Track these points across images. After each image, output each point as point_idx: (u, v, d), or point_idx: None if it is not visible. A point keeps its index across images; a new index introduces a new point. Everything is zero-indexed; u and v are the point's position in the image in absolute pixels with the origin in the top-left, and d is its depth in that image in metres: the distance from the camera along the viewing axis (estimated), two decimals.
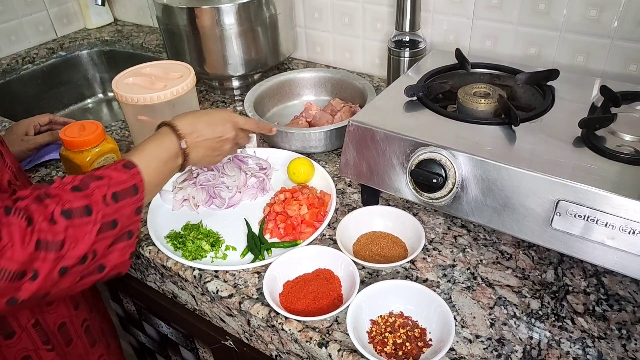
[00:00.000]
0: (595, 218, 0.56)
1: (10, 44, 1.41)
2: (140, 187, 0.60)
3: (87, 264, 0.54)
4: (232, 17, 1.02)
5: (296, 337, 0.61)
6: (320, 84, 1.11)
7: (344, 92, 1.07)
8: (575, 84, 0.78)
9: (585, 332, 0.59)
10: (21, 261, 0.47)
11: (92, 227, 0.53)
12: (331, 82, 1.09)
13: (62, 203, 0.51)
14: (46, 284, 0.50)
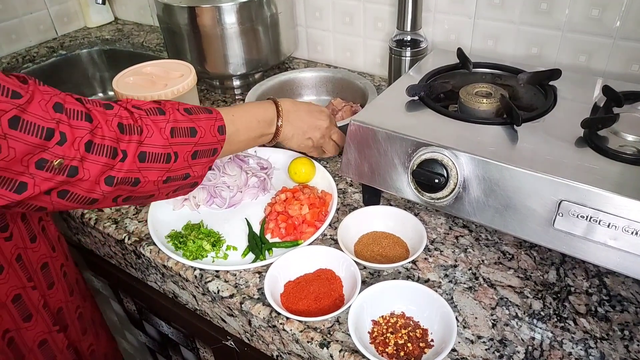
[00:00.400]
0: (597, 218, 0.56)
1: (10, 42, 1.41)
2: (213, 110, 0.65)
3: (171, 165, 0.59)
4: (233, 16, 1.02)
5: (297, 338, 0.61)
6: (321, 84, 1.10)
7: (345, 91, 1.07)
8: (577, 83, 0.78)
9: (588, 333, 0.58)
10: (111, 137, 0.52)
11: (166, 125, 0.58)
12: (332, 81, 1.09)
13: (135, 102, 0.58)
14: (133, 167, 0.55)
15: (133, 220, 0.80)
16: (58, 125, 0.48)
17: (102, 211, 0.83)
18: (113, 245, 0.81)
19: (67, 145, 0.49)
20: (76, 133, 0.50)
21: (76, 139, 0.50)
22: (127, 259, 0.82)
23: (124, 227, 0.79)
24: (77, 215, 0.83)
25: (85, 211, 0.83)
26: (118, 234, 0.78)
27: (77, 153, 0.50)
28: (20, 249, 0.63)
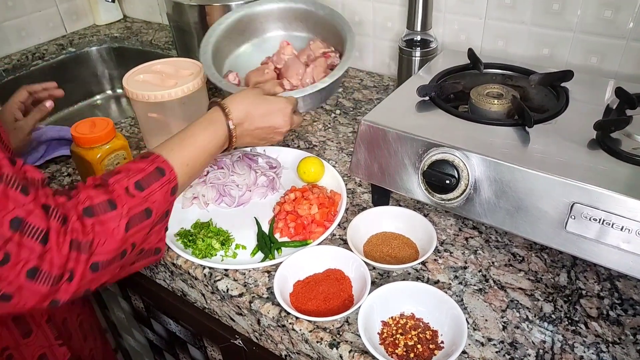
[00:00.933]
0: (610, 221, 0.55)
1: (20, 39, 1.42)
2: (166, 167, 0.58)
3: (128, 256, 0.54)
4: None
5: (307, 338, 0.61)
6: (293, 18, 0.96)
7: (325, 30, 0.93)
8: (589, 85, 0.77)
9: (600, 336, 0.58)
10: (59, 264, 0.47)
11: (120, 221, 0.52)
12: (305, 16, 0.93)
13: (86, 201, 0.51)
14: (82, 283, 0.50)
15: None
16: (6, 244, 0.44)
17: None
18: None
19: (8, 267, 0.45)
20: (22, 255, 0.45)
21: (20, 263, 0.45)
22: None
23: None
24: None
25: None
26: None
27: (17, 279, 0.45)
28: None
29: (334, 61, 0.86)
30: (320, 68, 0.85)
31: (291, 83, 0.85)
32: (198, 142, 0.65)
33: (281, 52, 0.90)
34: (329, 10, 0.89)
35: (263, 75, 0.85)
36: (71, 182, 0.91)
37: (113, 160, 0.81)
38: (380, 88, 1.13)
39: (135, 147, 0.99)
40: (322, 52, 0.87)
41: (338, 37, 0.86)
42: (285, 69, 0.87)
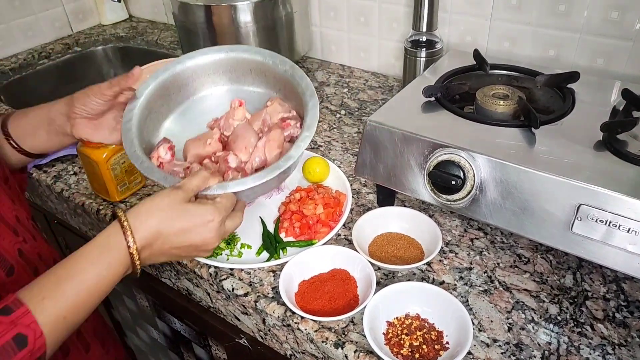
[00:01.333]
0: (617, 223, 0.55)
1: (27, 39, 1.43)
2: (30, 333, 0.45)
3: None
4: (248, 15, 1.02)
5: (312, 337, 0.61)
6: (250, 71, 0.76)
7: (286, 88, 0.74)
8: (596, 86, 0.77)
9: (605, 338, 0.58)
10: None
11: None
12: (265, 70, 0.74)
13: None
14: None
15: None
16: None
17: (118, 208, 0.83)
18: None
19: None
20: None
21: None
22: None
23: None
24: (93, 211, 0.84)
25: (100, 207, 0.84)
26: None
27: None
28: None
29: (293, 132, 0.70)
30: (274, 143, 0.68)
31: (239, 158, 0.68)
32: (84, 282, 0.50)
33: (230, 116, 0.74)
34: (290, 66, 0.71)
35: (204, 147, 0.70)
36: (77, 181, 0.91)
37: (119, 159, 0.81)
38: (385, 89, 1.13)
39: None
40: (281, 117, 0.71)
41: (301, 101, 0.69)
42: (234, 138, 0.71)
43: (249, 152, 0.68)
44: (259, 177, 0.60)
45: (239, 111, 0.74)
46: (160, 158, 0.67)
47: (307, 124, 0.65)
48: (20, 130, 0.71)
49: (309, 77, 1.19)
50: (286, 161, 0.61)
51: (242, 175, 0.66)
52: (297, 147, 0.63)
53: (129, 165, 0.83)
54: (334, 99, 1.11)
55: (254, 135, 0.70)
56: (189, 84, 0.76)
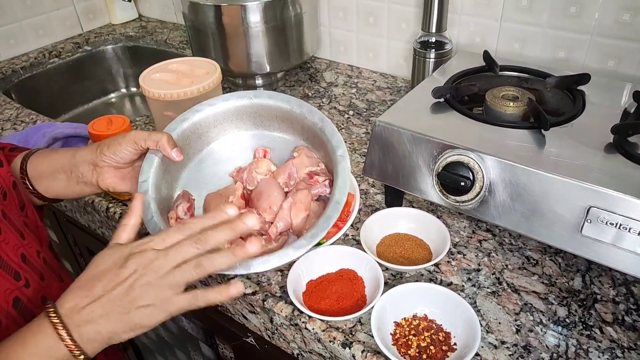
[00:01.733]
0: (627, 226, 0.55)
1: (38, 37, 1.44)
2: None
3: None
4: (258, 15, 1.02)
5: (319, 337, 0.61)
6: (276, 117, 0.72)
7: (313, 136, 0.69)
8: (606, 88, 0.77)
9: (615, 342, 0.58)
10: None
11: None
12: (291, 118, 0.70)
13: None
14: None
15: None
16: None
17: (126, 205, 0.84)
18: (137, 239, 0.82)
19: None
20: None
21: None
22: None
23: None
24: (102, 209, 0.85)
25: (110, 205, 0.84)
26: (143, 227, 0.79)
27: None
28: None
29: (321, 191, 0.65)
30: (300, 205, 0.63)
31: (262, 218, 0.65)
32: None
33: (254, 168, 0.69)
34: (319, 118, 0.66)
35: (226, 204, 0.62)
36: None
37: None
38: (393, 89, 1.13)
39: None
40: (308, 171, 0.67)
41: (329, 156, 0.65)
42: (257, 195, 0.67)
43: (274, 212, 0.64)
44: (283, 256, 0.55)
45: (262, 163, 0.70)
46: (180, 219, 0.64)
47: (335, 196, 0.59)
48: (39, 171, 0.67)
49: (318, 78, 1.20)
50: (310, 239, 0.56)
51: (266, 240, 0.63)
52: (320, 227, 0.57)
53: None
54: (342, 99, 1.11)
55: (278, 190, 0.66)
56: (210, 130, 0.72)
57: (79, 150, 0.67)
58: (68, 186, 0.67)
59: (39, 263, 0.64)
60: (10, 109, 1.17)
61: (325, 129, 0.66)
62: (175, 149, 0.62)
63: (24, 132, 0.98)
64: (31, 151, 0.70)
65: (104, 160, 0.64)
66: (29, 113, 1.14)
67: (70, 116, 1.47)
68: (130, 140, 0.63)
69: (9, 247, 0.59)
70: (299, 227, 0.63)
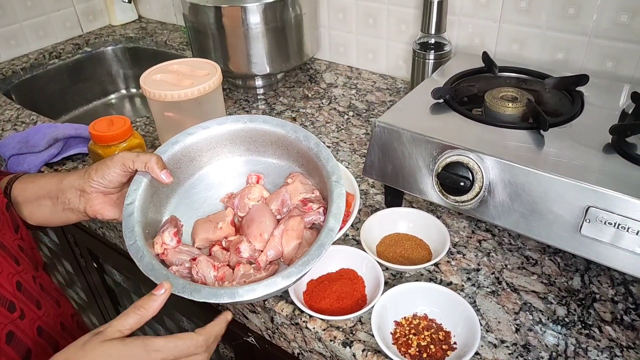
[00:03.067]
0: (626, 226, 0.55)
1: (38, 39, 1.44)
2: None
3: None
4: (258, 16, 1.03)
5: (320, 336, 0.61)
6: (271, 143, 0.70)
7: (308, 163, 0.67)
8: (605, 89, 0.77)
9: (614, 341, 0.58)
10: None
11: None
12: (287, 144, 0.68)
13: None
14: None
15: None
16: None
17: None
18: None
19: None
20: None
21: None
22: None
23: None
24: None
25: None
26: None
27: None
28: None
29: (315, 219, 0.64)
30: (292, 233, 0.61)
31: (252, 246, 0.63)
32: None
33: (246, 194, 0.67)
34: (314, 143, 0.65)
35: (215, 230, 0.64)
36: None
37: None
38: (393, 90, 1.14)
39: (151, 146, 1.00)
40: (302, 198, 0.65)
41: (324, 183, 0.63)
42: (248, 222, 0.65)
43: (264, 239, 0.63)
44: (271, 285, 0.53)
45: (255, 189, 0.68)
46: (165, 244, 0.61)
47: (329, 223, 0.57)
48: (24, 196, 0.65)
49: (317, 79, 1.21)
50: (302, 267, 0.53)
51: (255, 269, 0.61)
52: (314, 252, 0.54)
53: None
54: (342, 100, 1.11)
55: (270, 217, 0.64)
56: (203, 154, 0.70)
57: (66, 176, 0.65)
58: (53, 213, 0.65)
59: (36, 289, 0.61)
60: (10, 109, 1.17)
61: (321, 154, 0.64)
62: (164, 171, 0.60)
63: (25, 132, 0.98)
64: (16, 175, 0.68)
65: (92, 185, 0.62)
66: (29, 114, 1.14)
67: (70, 117, 1.47)
68: (118, 162, 0.61)
69: (3, 277, 0.56)
70: (290, 256, 0.61)
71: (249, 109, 1.11)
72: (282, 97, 1.15)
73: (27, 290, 0.60)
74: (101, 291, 1.23)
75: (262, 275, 0.60)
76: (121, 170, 0.62)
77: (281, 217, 0.66)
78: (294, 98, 1.14)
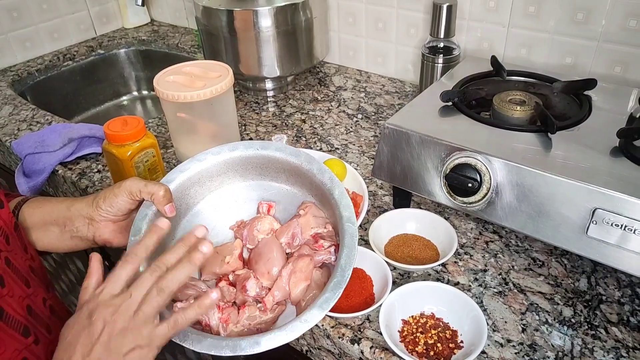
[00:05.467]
0: (632, 227, 0.56)
1: (53, 41, 1.47)
2: None
3: None
4: (269, 20, 1.04)
5: (328, 333, 0.62)
6: (284, 171, 0.69)
7: (322, 195, 0.67)
8: (613, 94, 0.78)
9: (620, 342, 0.58)
10: None
11: None
12: (300, 174, 0.67)
13: None
14: None
15: None
16: None
17: None
18: None
19: None
20: None
21: None
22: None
23: None
24: None
25: None
26: None
27: None
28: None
29: (325, 258, 0.63)
30: (300, 274, 0.60)
31: (259, 283, 0.62)
32: None
33: (256, 225, 0.66)
34: (329, 178, 0.64)
35: (222, 264, 0.63)
36: (101, 178, 0.94)
37: (142, 157, 0.83)
38: (401, 94, 1.15)
39: (163, 146, 1.02)
40: (314, 233, 0.64)
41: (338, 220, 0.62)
42: (256, 256, 0.64)
43: (272, 277, 0.62)
44: (274, 338, 0.52)
45: (265, 221, 0.66)
46: None
47: (335, 280, 0.56)
48: (31, 222, 0.65)
49: (327, 82, 1.22)
50: (306, 321, 0.53)
51: (261, 310, 0.60)
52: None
53: (152, 163, 0.85)
54: (351, 103, 1.13)
55: (279, 252, 0.63)
56: (213, 178, 0.69)
57: (74, 203, 0.64)
58: (61, 240, 0.65)
59: (46, 314, 0.60)
60: (26, 110, 1.19)
61: (334, 192, 0.63)
62: (169, 205, 0.60)
63: (40, 132, 1.00)
64: (24, 199, 0.68)
65: (100, 214, 0.62)
66: (44, 114, 1.16)
67: (83, 118, 1.50)
68: (125, 191, 0.61)
69: (14, 300, 0.54)
70: (297, 298, 0.61)
71: (259, 111, 1.13)
72: (291, 100, 1.16)
73: (37, 314, 0.59)
74: None
75: (268, 318, 0.60)
76: (129, 199, 0.62)
77: (291, 250, 0.65)
78: (304, 100, 1.15)
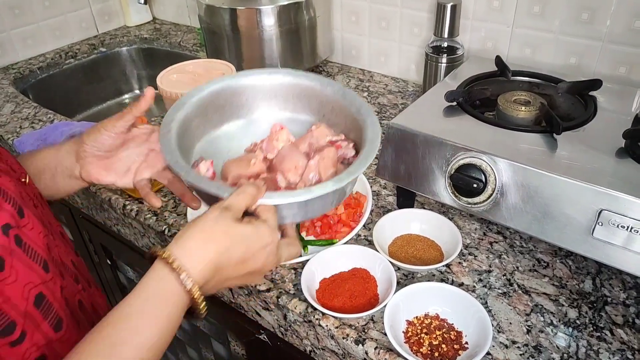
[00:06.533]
0: (638, 229, 0.56)
1: (55, 39, 1.47)
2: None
3: None
4: (272, 19, 1.04)
5: (333, 334, 0.62)
6: (294, 96, 0.71)
7: (333, 114, 0.69)
8: (618, 94, 0.77)
9: (625, 343, 0.58)
10: None
11: None
12: (310, 95, 0.70)
13: None
14: None
15: (172, 213, 0.83)
16: None
17: (142, 203, 0.86)
18: (153, 236, 0.84)
19: None
20: None
21: None
22: None
23: (164, 220, 0.82)
24: (119, 207, 0.86)
25: (127, 202, 0.86)
26: (158, 225, 0.81)
27: None
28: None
29: (347, 153, 0.64)
30: (328, 161, 0.61)
31: (287, 179, 0.62)
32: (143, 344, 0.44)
33: (273, 138, 0.68)
34: (339, 88, 0.67)
35: (248, 166, 0.63)
36: None
37: None
38: (404, 93, 1.15)
39: None
40: (329, 140, 0.66)
41: (351, 123, 0.65)
42: (280, 160, 0.64)
43: (299, 173, 0.61)
44: (323, 187, 0.53)
45: (281, 133, 0.67)
46: (203, 174, 0.60)
47: (367, 144, 0.58)
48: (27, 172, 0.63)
49: None
50: (348, 175, 0.54)
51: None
52: (358, 164, 0.55)
53: None
54: None
55: (301, 156, 0.62)
56: (243, 102, 0.71)
57: (63, 145, 0.65)
58: (54, 183, 0.65)
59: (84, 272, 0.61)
60: (28, 107, 1.19)
61: (347, 95, 0.66)
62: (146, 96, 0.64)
63: (43, 130, 1.00)
64: (16, 155, 0.67)
65: (85, 150, 0.63)
66: (46, 112, 1.16)
67: (85, 116, 1.50)
68: (107, 125, 0.62)
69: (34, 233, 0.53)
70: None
71: None
72: None
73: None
74: (114, 288, 1.25)
75: None
76: (112, 132, 0.62)
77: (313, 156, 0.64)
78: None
